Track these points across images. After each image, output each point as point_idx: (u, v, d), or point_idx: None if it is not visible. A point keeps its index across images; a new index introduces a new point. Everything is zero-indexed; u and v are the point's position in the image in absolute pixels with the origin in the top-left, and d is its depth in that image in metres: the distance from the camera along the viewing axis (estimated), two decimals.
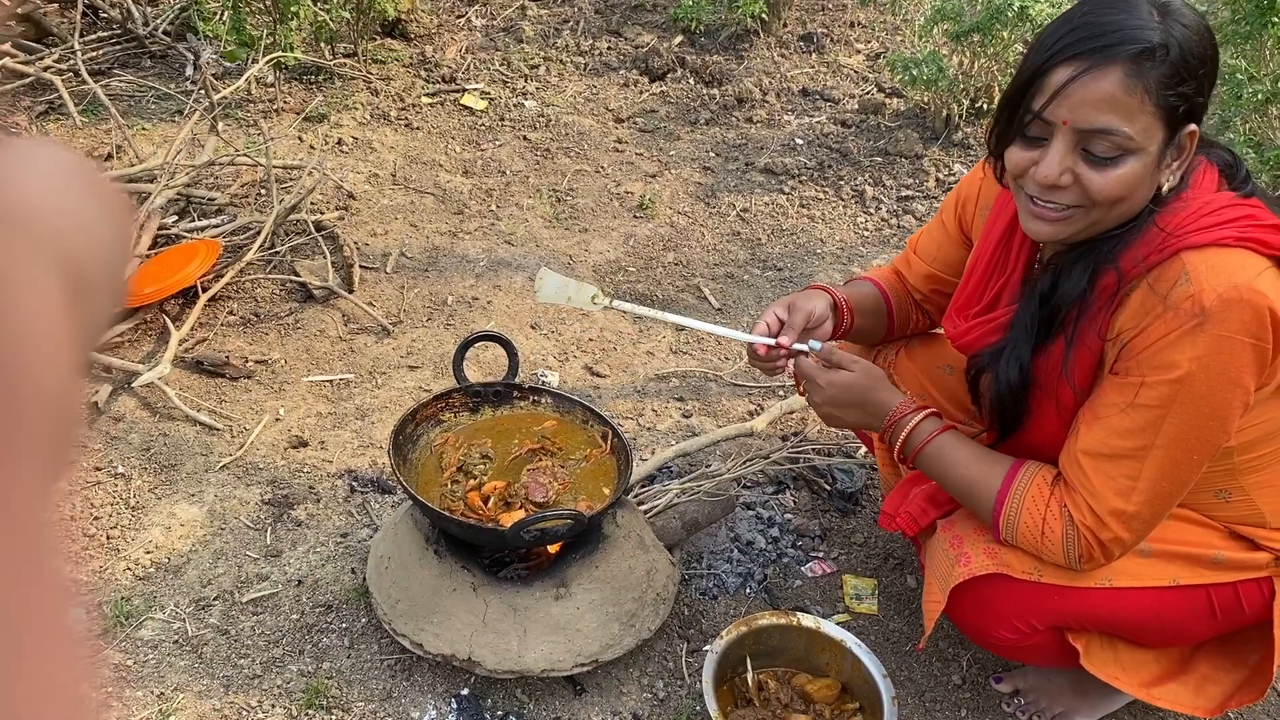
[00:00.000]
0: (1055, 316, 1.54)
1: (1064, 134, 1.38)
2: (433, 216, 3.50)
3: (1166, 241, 1.42)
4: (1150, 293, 1.43)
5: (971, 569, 1.64)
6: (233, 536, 2.25)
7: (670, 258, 3.38)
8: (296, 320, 2.93)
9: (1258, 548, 1.65)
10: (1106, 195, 1.39)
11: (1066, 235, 1.47)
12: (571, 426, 2.09)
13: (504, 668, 1.84)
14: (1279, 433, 1.58)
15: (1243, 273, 1.38)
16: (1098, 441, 1.49)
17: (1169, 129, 1.37)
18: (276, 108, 4.02)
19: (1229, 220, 1.41)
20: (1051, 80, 1.37)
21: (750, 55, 4.66)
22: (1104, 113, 1.34)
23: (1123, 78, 1.33)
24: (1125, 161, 1.37)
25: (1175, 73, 1.34)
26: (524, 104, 4.25)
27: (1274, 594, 1.67)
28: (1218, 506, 1.64)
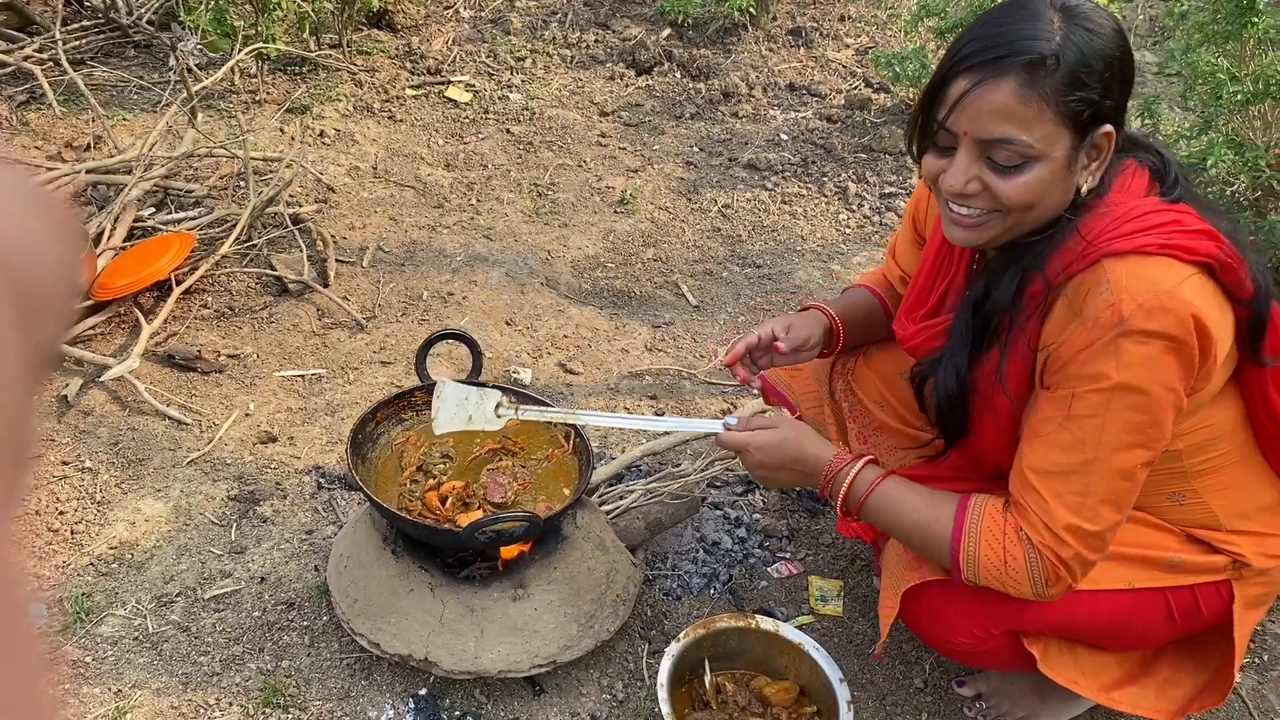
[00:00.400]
0: (988, 324, 1.54)
1: (966, 144, 1.40)
2: (412, 210, 3.48)
3: (1089, 249, 1.42)
4: (1072, 301, 1.42)
5: (923, 573, 1.64)
6: (197, 532, 2.25)
7: (649, 254, 3.36)
8: (270, 314, 2.92)
9: (1214, 551, 1.64)
10: (1015, 201, 1.40)
11: (985, 240, 1.47)
12: (534, 426, 2.08)
13: (461, 668, 1.83)
14: (1227, 435, 1.58)
15: (1165, 281, 1.37)
16: (1041, 458, 1.48)
17: (1076, 133, 1.38)
18: (259, 99, 4.00)
19: (1153, 227, 1.40)
20: (951, 92, 1.39)
21: (738, 49, 4.64)
22: (1001, 123, 1.35)
23: (1016, 88, 1.34)
24: (1030, 168, 1.38)
25: (1074, 79, 1.34)
26: (509, 97, 4.23)
27: (1233, 598, 1.67)
28: (1172, 509, 1.64)
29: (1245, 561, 1.63)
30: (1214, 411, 1.54)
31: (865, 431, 1.99)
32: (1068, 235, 1.44)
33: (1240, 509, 1.63)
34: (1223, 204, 2.94)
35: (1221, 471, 1.60)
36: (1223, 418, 1.56)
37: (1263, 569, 1.65)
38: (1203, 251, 1.40)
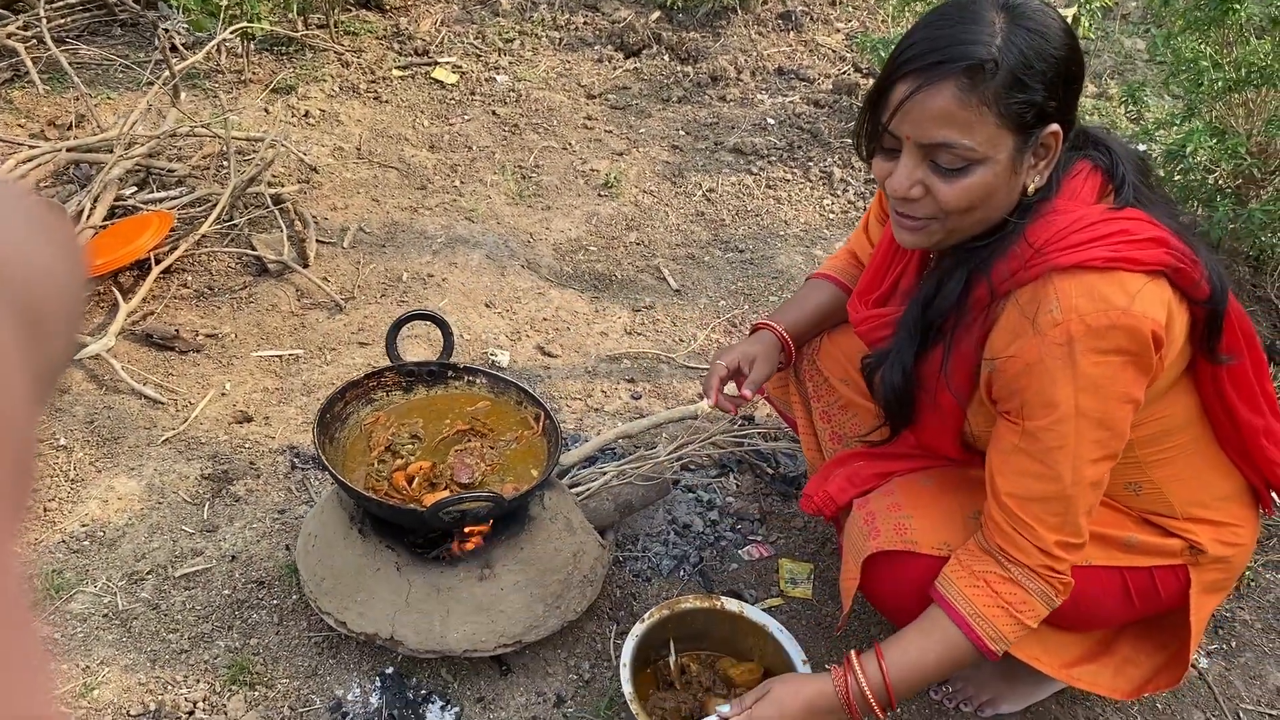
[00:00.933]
0: (933, 324, 1.54)
1: (909, 148, 1.39)
2: (395, 191, 3.48)
3: (1035, 259, 1.41)
4: (1019, 315, 1.42)
5: (880, 543, 1.65)
6: (170, 511, 2.25)
7: (632, 237, 3.36)
8: (250, 294, 2.92)
9: (1170, 535, 1.65)
10: (956, 204, 1.39)
11: (930, 244, 1.48)
12: (505, 407, 2.09)
13: (426, 647, 1.84)
14: (1182, 428, 1.58)
15: (1116, 298, 1.37)
16: (1016, 485, 1.49)
17: (1020, 134, 1.37)
18: (245, 79, 3.99)
19: (1100, 238, 1.39)
20: (894, 96, 1.37)
21: (728, 32, 4.62)
22: (941, 127, 1.34)
23: (956, 93, 1.32)
24: (973, 171, 1.37)
25: (1015, 81, 1.33)
26: (495, 78, 4.22)
27: (1189, 582, 1.68)
28: (1130, 498, 1.65)
29: (1201, 548, 1.64)
30: (1167, 404, 1.55)
31: (830, 411, 1.99)
32: (1014, 240, 1.43)
33: (1197, 498, 1.64)
34: (1204, 192, 2.94)
35: (1178, 462, 1.61)
36: (1176, 410, 1.57)
37: (1220, 556, 1.65)
38: (1151, 261, 1.39)
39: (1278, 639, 2.20)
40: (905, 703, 1.98)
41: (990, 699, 1.97)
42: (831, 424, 1.99)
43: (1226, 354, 1.51)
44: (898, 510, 1.67)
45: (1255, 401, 1.58)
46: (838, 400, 1.97)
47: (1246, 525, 1.70)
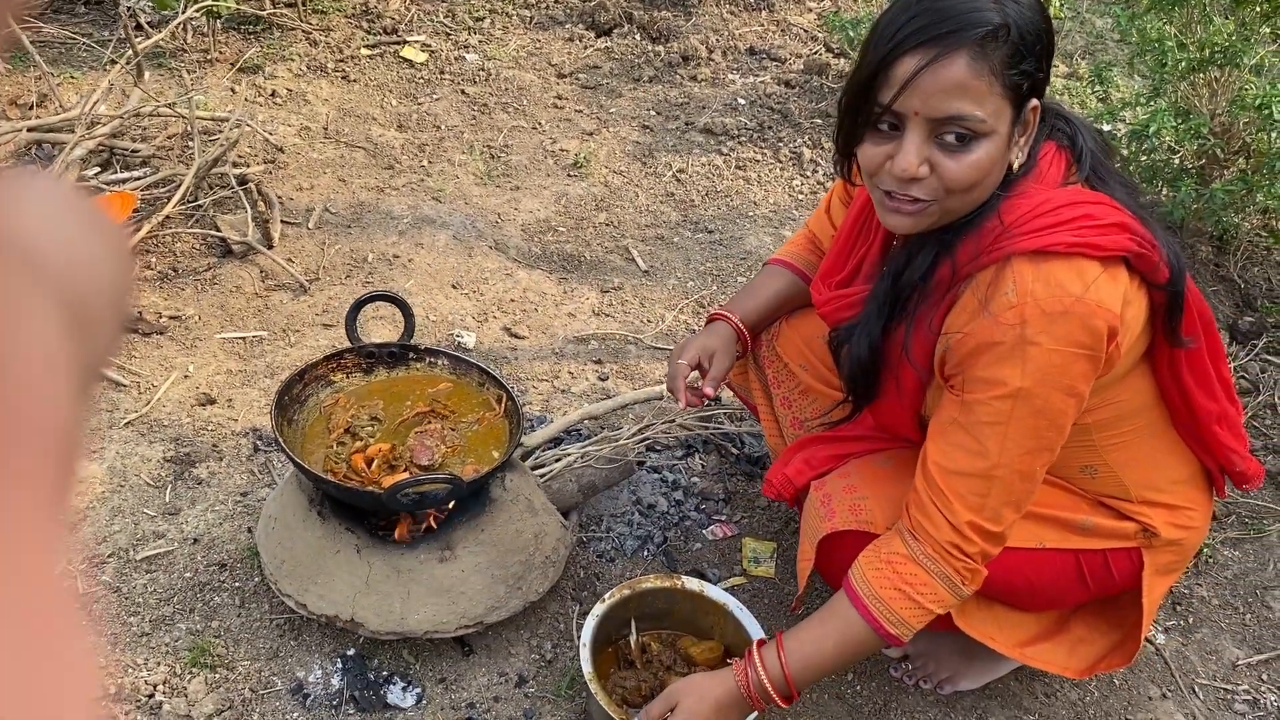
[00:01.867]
0: (900, 298, 1.54)
1: (917, 124, 1.35)
2: (362, 171, 3.45)
3: (999, 240, 1.40)
4: (978, 294, 1.42)
5: (835, 523, 1.66)
6: (132, 494, 2.24)
7: (601, 218, 3.35)
8: (214, 276, 2.90)
9: (1124, 518, 1.67)
10: (963, 181, 1.37)
11: (925, 226, 1.45)
12: (466, 389, 2.08)
13: (387, 629, 1.84)
14: (1138, 412, 1.59)
15: (1072, 285, 1.37)
16: (944, 456, 1.49)
17: (1015, 107, 1.37)
18: (211, 58, 3.94)
19: (1064, 222, 1.39)
20: (898, 72, 1.33)
21: (699, 11, 4.60)
22: (955, 99, 1.32)
23: (969, 62, 1.31)
24: (979, 145, 1.35)
25: (1016, 51, 1.33)
26: (465, 57, 4.18)
27: (1143, 565, 1.69)
28: (1085, 481, 1.66)
29: (1155, 531, 1.65)
30: (1123, 389, 1.55)
31: (790, 396, 2.00)
32: (986, 219, 1.43)
33: (1152, 482, 1.65)
34: (1168, 172, 2.96)
35: (1133, 447, 1.62)
36: (1132, 396, 1.57)
37: (1173, 539, 1.67)
38: (1113, 247, 1.39)
39: (1234, 615, 2.23)
40: (817, 687, 2.00)
41: (949, 676, 1.99)
42: (792, 409, 2.00)
43: (1188, 336, 1.51)
44: (853, 492, 1.68)
45: (1210, 386, 1.60)
46: (797, 385, 1.98)
47: (1200, 508, 1.71)
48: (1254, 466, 1.70)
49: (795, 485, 1.79)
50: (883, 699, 1.98)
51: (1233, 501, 2.47)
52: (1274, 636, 2.19)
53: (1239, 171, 2.92)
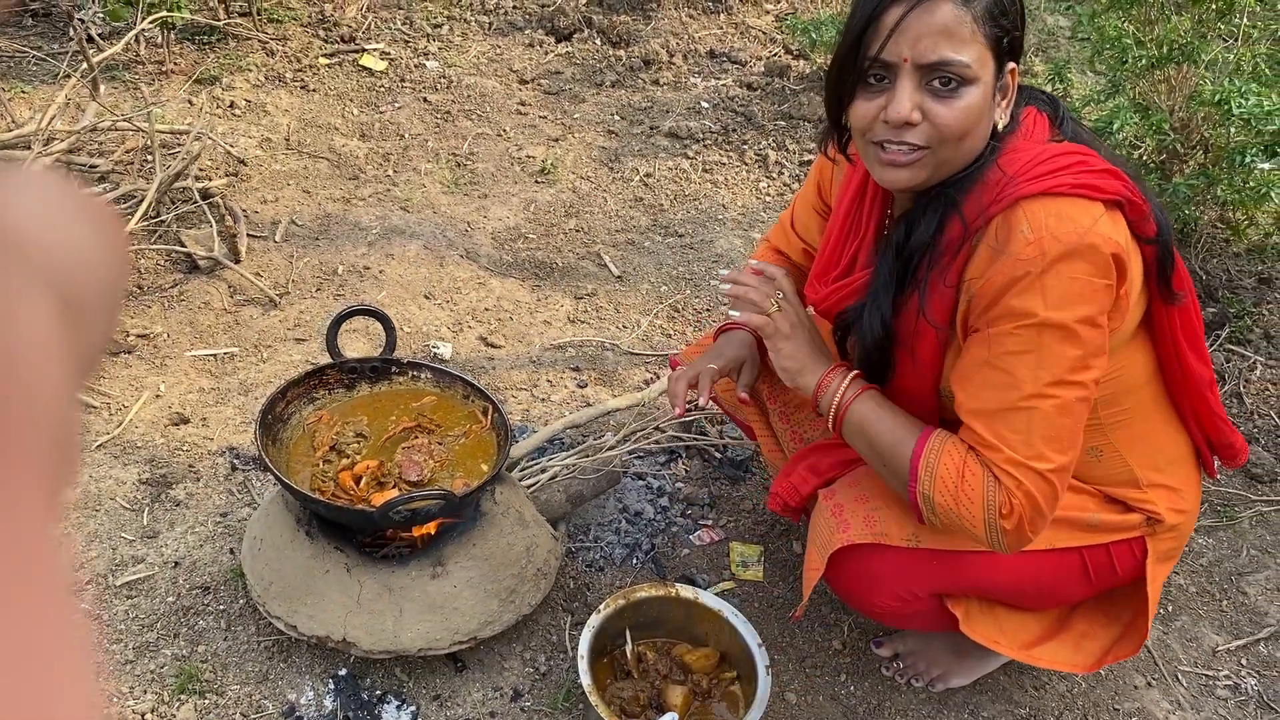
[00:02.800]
0: (909, 266, 1.56)
1: (907, 71, 1.41)
2: (326, 182, 3.41)
3: (1004, 191, 1.45)
4: (993, 241, 1.46)
5: (850, 536, 1.66)
6: (108, 518, 2.19)
7: (571, 224, 3.34)
8: (181, 292, 2.85)
9: (1130, 510, 1.70)
10: (955, 127, 1.42)
11: (920, 179, 1.48)
12: (451, 402, 2.06)
13: (380, 648, 1.82)
14: (1139, 387, 1.63)
15: (1081, 218, 1.42)
16: (979, 401, 1.49)
17: (997, 62, 1.44)
18: (166, 70, 3.87)
19: (1063, 168, 1.44)
20: (886, 21, 1.40)
21: (658, 15, 4.61)
22: (940, 43, 1.39)
23: (952, 8, 1.39)
24: (966, 92, 1.41)
25: (996, 4, 1.41)
26: (425, 65, 4.15)
27: (1146, 554, 1.72)
28: (1091, 465, 1.68)
29: (1159, 518, 1.69)
30: (1126, 360, 1.59)
31: (786, 410, 2.00)
32: (987, 171, 1.48)
33: (1153, 461, 1.69)
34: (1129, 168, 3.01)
35: (1134, 424, 1.66)
36: (1134, 367, 1.61)
37: (1173, 524, 1.71)
38: (1111, 190, 1.44)
39: (1211, 602, 2.27)
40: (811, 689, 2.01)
41: (941, 674, 2.01)
42: (790, 423, 2.00)
43: (1179, 291, 1.57)
44: (866, 503, 1.68)
45: (1201, 348, 1.65)
46: (793, 399, 1.98)
47: (1192, 490, 1.76)
48: (1239, 439, 1.75)
49: (801, 494, 1.80)
50: (876, 699, 1.99)
51: (1205, 490, 2.51)
52: (1250, 622, 2.23)
53: (1197, 166, 2.98)
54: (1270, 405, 2.71)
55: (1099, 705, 2.03)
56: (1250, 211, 2.99)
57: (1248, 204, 2.86)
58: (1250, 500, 2.48)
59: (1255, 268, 3.12)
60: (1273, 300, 3.02)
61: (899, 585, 1.70)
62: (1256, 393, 2.76)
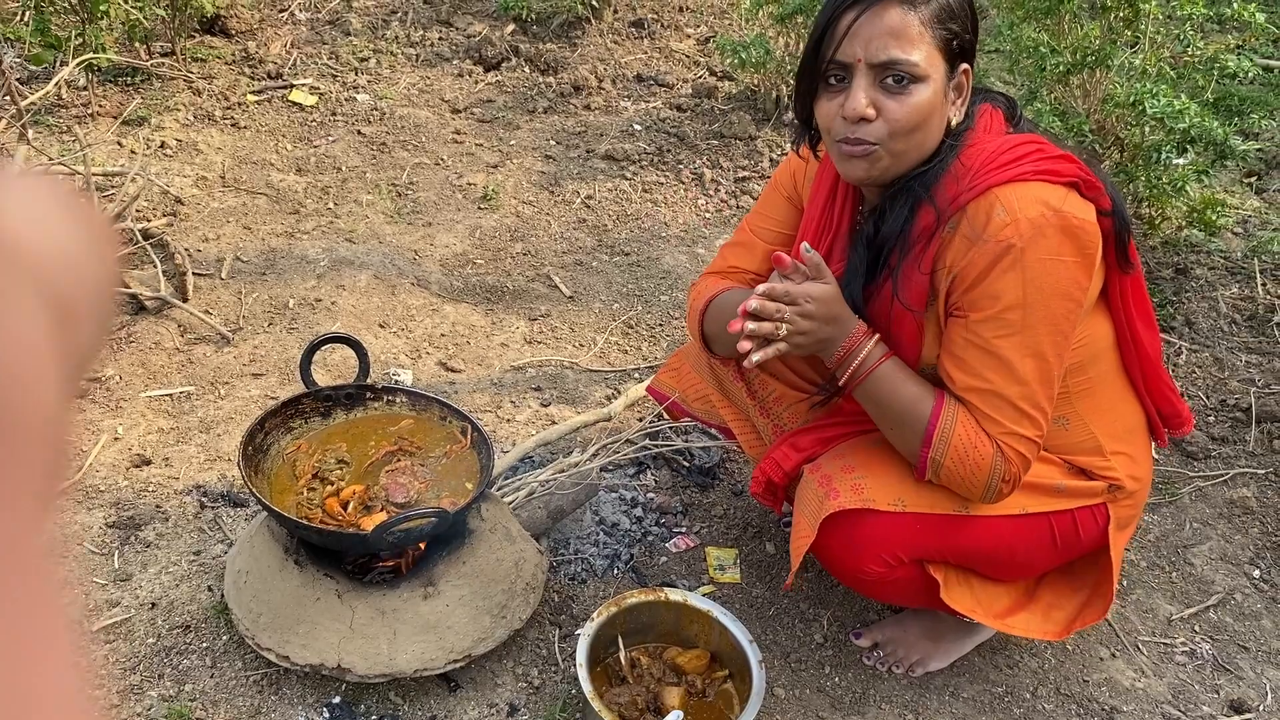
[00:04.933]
0: (880, 255, 1.67)
1: (861, 70, 1.54)
2: (267, 218, 3.39)
3: (975, 180, 1.57)
4: (968, 229, 1.57)
5: (840, 502, 1.73)
6: (77, 564, 2.15)
7: (518, 248, 3.37)
8: (129, 334, 2.80)
9: (1092, 478, 1.80)
10: (906, 122, 1.54)
11: (878, 172, 1.60)
12: (429, 424, 2.08)
13: (375, 672, 1.82)
14: (1101, 355, 1.75)
15: (1051, 198, 1.54)
16: (971, 378, 1.62)
17: (948, 62, 1.55)
18: (91, 112, 3.81)
19: (1023, 156, 1.57)
20: (840, 26, 1.54)
21: (583, 42, 4.68)
22: (889, 44, 1.51)
23: (900, 12, 1.51)
24: (917, 89, 1.53)
25: (944, 9, 1.53)
26: (356, 98, 4.16)
27: (1108, 520, 1.82)
28: (1058, 434, 1.78)
29: (1120, 484, 1.79)
30: (1089, 329, 1.71)
31: (766, 403, 2.06)
32: (949, 164, 1.59)
33: (1114, 430, 1.81)
34: None
35: (1097, 393, 1.77)
36: (1097, 336, 1.73)
37: (1131, 491, 1.82)
38: (1068, 173, 1.58)
39: (1161, 574, 2.39)
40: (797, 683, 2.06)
41: (919, 659, 2.08)
42: (770, 417, 2.06)
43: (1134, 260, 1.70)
44: (851, 472, 1.76)
45: (1149, 319, 1.78)
46: (772, 393, 2.04)
47: (1146, 458, 1.88)
48: (1185, 407, 1.88)
49: (784, 468, 1.86)
50: (860, 688, 2.05)
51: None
52: (1199, 591, 2.35)
53: (1113, 164, 3.14)
54: (1198, 386, 2.87)
55: (1069, 678, 2.12)
56: (1164, 206, 3.16)
57: (1164, 198, 3.02)
58: (1188, 477, 2.62)
59: (1172, 259, 3.29)
60: (1190, 289, 3.19)
61: (885, 550, 1.77)
62: (1184, 375, 2.91)
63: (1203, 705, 2.08)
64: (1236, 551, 2.43)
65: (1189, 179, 2.94)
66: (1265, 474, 2.59)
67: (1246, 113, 3.02)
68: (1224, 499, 2.54)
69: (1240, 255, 3.31)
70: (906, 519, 1.73)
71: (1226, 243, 3.38)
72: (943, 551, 1.79)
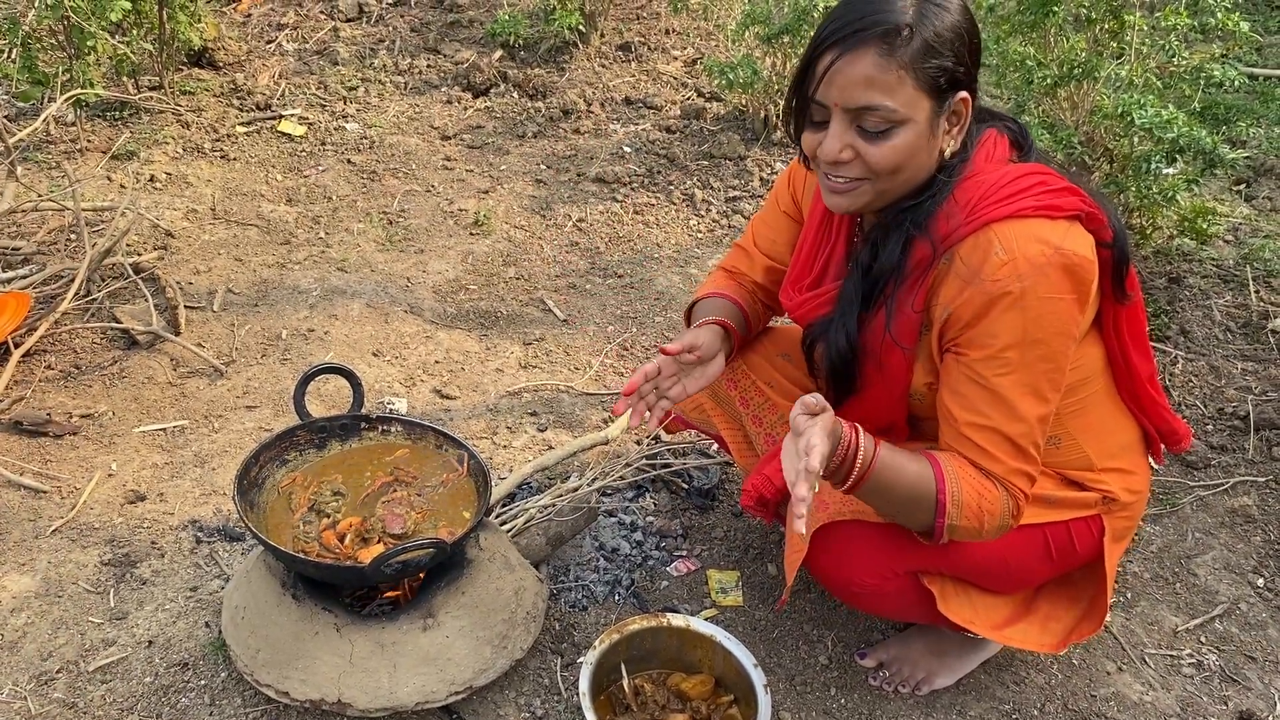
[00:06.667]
0: (876, 287, 1.65)
1: (838, 114, 1.51)
2: (258, 249, 3.38)
3: (973, 215, 1.54)
4: (965, 265, 1.54)
5: (830, 514, 1.72)
6: (72, 603, 2.12)
7: (511, 273, 3.37)
8: (121, 369, 2.79)
9: (1085, 489, 1.79)
10: (884, 165, 1.51)
11: (860, 205, 1.58)
12: (424, 453, 2.06)
13: (376, 705, 1.80)
14: (1093, 377, 1.73)
15: (1051, 237, 1.51)
16: (972, 415, 1.58)
17: (935, 99, 1.50)
18: (80, 147, 3.81)
19: (1025, 190, 1.54)
20: (819, 68, 1.51)
21: (571, 67, 4.69)
22: (865, 91, 1.47)
23: (876, 58, 1.46)
24: (897, 133, 1.50)
25: (929, 47, 1.47)
26: (345, 127, 4.16)
27: (1103, 531, 1.81)
28: (1051, 453, 1.77)
29: (1113, 496, 1.78)
30: (1082, 354, 1.69)
31: (760, 414, 2.05)
32: (944, 198, 1.56)
33: (1106, 449, 1.79)
34: None
35: (1089, 413, 1.75)
36: (1089, 360, 1.72)
37: (1127, 503, 1.81)
38: (1070, 207, 1.55)
39: (1165, 586, 2.37)
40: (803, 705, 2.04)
41: (925, 676, 2.06)
42: (763, 426, 2.05)
43: (1130, 291, 1.68)
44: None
45: (1143, 345, 1.76)
46: (766, 403, 2.04)
47: (1142, 473, 1.86)
48: (1181, 425, 1.86)
49: (775, 484, 1.84)
50: (867, 708, 2.03)
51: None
52: (1203, 601, 2.33)
53: (1103, 176, 3.15)
54: (1195, 396, 2.86)
55: (1076, 694, 2.10)
56: (1155, 216, 3.16)
57: (1155, 208, 3.03)
58: (1189, 486, 2.61)
59: (1164, 268, 3.29)
60: (1184, 298, 3.19)
61: (877, 562, 1.76)
62: (1181, 385, 2.90)
63: (1211, 717, 2.06)
64: (1239, 560, 2.41)
65: (1179, 188, 2.94)
66: (1266, 481, 2.58)
67: (1234, 121, 3.03)
68: (1225, 508, 2.53)
69: (1232, 263, 3.31)
70: (897, 532, 1.72)
71: (1218, 251, 3.38)
72: (936, 563, 1.77)
